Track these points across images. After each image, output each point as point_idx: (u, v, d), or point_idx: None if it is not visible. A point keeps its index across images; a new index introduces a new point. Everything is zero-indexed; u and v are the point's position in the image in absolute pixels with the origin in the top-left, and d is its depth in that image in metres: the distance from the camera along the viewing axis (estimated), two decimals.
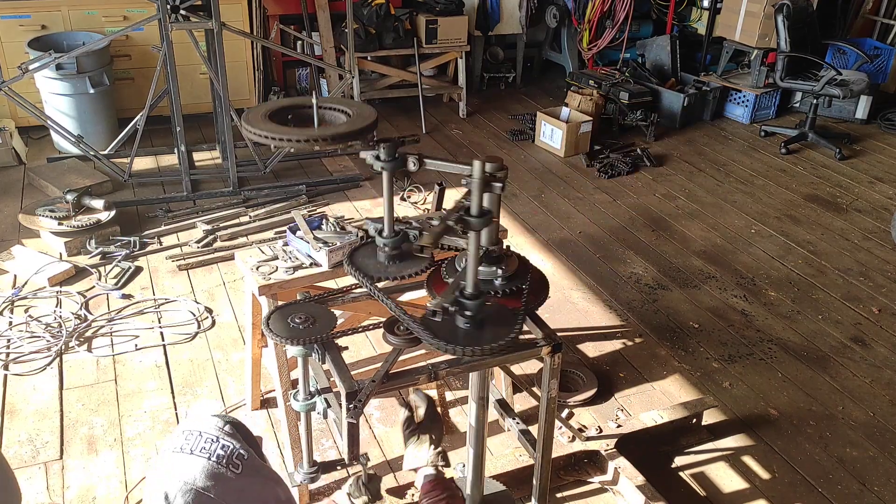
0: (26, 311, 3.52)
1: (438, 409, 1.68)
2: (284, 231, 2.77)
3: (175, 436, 1.35)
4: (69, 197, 4.05)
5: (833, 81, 5.40)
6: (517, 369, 3.19)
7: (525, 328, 1.87)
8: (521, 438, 2.17)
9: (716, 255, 4.29)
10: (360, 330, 2.02)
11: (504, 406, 2.41)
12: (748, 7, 6.01)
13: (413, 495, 2.59)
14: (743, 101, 6.27)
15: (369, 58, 5.83)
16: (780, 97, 6.36)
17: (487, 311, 1.64)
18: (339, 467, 1.96)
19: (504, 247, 1.84)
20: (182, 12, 4.17)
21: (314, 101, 1.71)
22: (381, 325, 1.75)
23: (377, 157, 1.69)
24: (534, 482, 2.06)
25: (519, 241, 4.31)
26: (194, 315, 3.54)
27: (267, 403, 3.00)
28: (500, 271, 1.76)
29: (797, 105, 6.55)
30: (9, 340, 3.30)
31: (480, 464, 2.20)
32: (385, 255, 1.79)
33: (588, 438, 2.76)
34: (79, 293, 3.65)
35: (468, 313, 1.60)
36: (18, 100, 4.23)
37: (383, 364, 1.66)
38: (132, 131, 4.51)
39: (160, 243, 4.14)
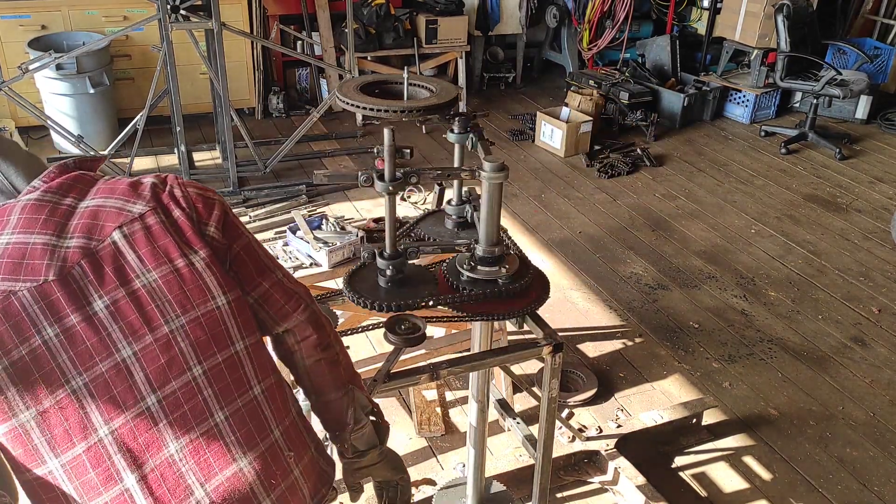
0: None
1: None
2: (284, 231, 2.78)
3: None
4: None
5: (833, 81, 5.40)
6: (517, 369, 3.19)
7: (526, 328, 1.87)
8: (522, 438, 2.18)
9: (716, 255, 4.29)
10: (360, 330, 2.02)
11: (504, 406, 2.41)
12: (748, 7, 6.01)
13: (413, 495, 2.59)
14: (743, 101, 6.27)
15: (369, 58, 5.83)
16: (780, 97, 6.36)
17: (410, 269, 1.76)
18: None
19: (505, 246, 1.84)
20: (182, 12, 4.17)
21: (406, 75, 1.85)
22: (382, 324, 1.75)
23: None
24: (534, 482, 2.06)
25: (519, 241, 4.28)
26: None
27: None
28: (503, 270, 1.76)
29: (797, 105, 6.55)
30: None
31: (480, 464, 2.20)
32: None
33: (588, 438, 2.76)
34: None
35: (389, 272, 1.72)
36: (18, 100, 4.23)
37: (384, 363, 1.67)
38: (132, 131, 4.51)
39: None
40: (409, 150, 1.64)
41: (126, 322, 1.09)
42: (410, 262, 1.78)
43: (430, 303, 1.73)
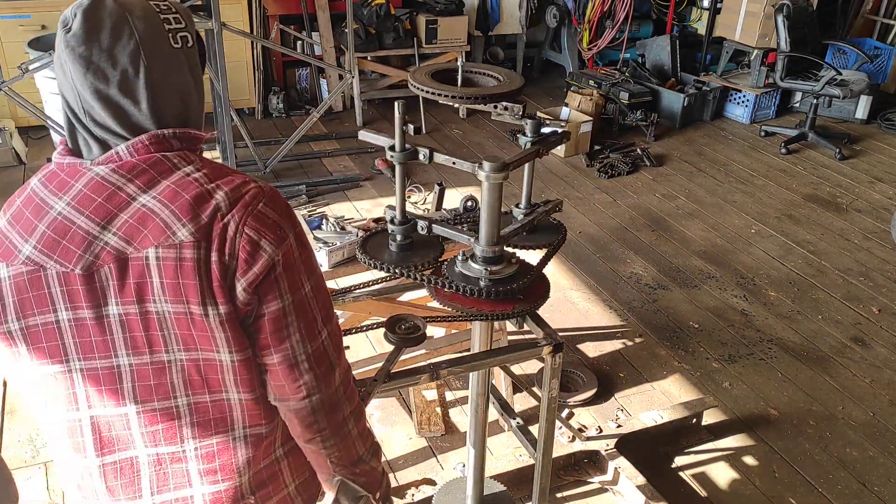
0: None
1: None
2: None
3: None
4: None
5: (833, 81, 5.40)
6: (517, 369, 3.19)
7: (526, 328, 1.87)
8: (522, 438, 2.17)
9: (716, 255, 4.29)
10: (360, 330, 2.02)
11: (504, 406, 2.41)
12: (748, 7, 6.02)
13: (413, 495, 2.59)
14: (743, 101, 6.27)
15: (369, 58, 5.83)
16: (780, 97, 6.36)
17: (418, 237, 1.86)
18: None
19: (511, 254, 1.84)
20: None
21: (460, 62, 1.91)
22: (382, 324, 1.75)
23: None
24: (534, 482, 2.06)
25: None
26: None
27: None
28: (484, 271, 1.76)
29: (797, 105, 6.55)
30: None
31: (480, 464, 2.20)
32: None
33: (588, 438, 2.76)
34: None
35: (399, 238, 1.82)
36: (18, 100, 4.22)
37: (385, 363, 1.66)
38: None
39: None
40: (414, 127, 1.73)
41: (131, 336, 1.11)
42: (429, 235, 1.84)
43: (416, 276, 1.79)
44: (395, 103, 1.70)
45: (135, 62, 1.08)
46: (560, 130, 1.96)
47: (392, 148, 1.76)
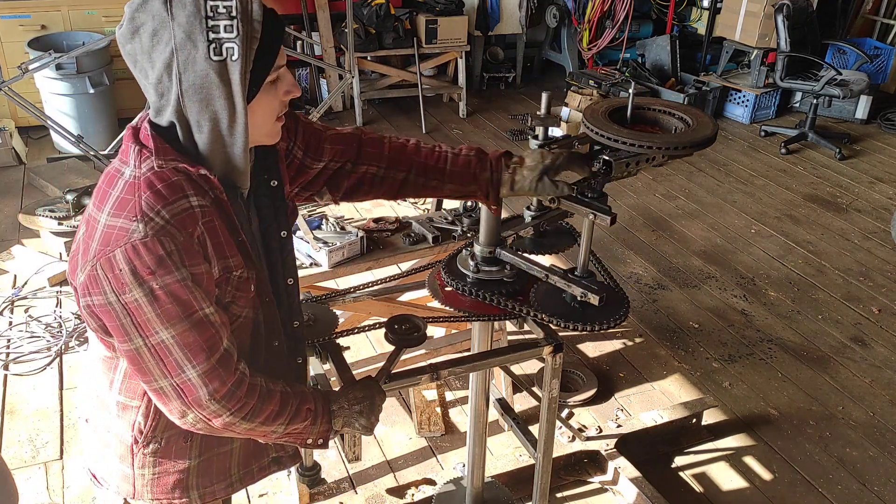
0: (26, 311, 3.52)
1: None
2: None
3: None
4: (69, 197, 4.05)
5: (833, 81, 5.40)
6: (517, 369, 3.19)
7: (526, 328, 1.87)
8: (522, 438, 2.17)
9: (716, 255, 4.29)
10: (360, 330, 2.02)
11: (504, 406, 2.41)
12: (748, 7, 6.02)
13: (413, 495, 2.59)
14: (743, 101, 6.27)
15: (369, 58, 5.83)
16: (780, 97, 6.36)
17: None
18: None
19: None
20: None
21: (631, 92, 1.73)
22: (382, 324, 1.75)
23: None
24: (534, 482, 2.06)
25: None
26: None
27: None
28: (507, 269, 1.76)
29: (797, 105, 6.55)
30: (9, 340, 3.30)
31: (480, 464, 2.20)
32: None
33: (588, 438, 2.76)
34: None
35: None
36: (18, 100, 4.22)
37: (385, 364, 1.66)
38: None
39: None
40: (557, 119, 1.77)
41: None
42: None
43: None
44: (543, 94, 1.72)
45: (168, 69, 1.13)
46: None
47: (536, 137, 1.79)
